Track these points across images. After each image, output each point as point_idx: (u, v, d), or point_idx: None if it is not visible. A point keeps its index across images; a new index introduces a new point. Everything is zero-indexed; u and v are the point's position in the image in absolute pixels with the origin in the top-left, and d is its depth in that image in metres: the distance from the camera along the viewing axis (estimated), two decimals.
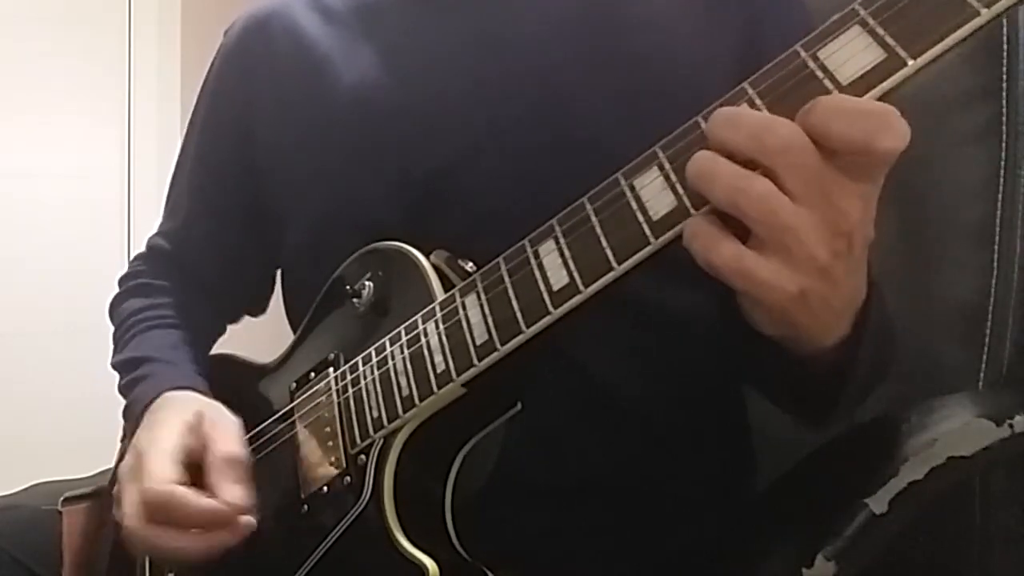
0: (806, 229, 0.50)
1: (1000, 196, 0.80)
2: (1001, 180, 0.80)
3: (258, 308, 1.03)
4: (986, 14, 0.45)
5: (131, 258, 1.04)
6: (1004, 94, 0.80)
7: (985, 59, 0.81)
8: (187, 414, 0.75)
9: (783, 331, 0.59)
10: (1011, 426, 0.67)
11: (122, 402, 0.86)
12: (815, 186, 0.49)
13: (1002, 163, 0.80)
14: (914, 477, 0.66)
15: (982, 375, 0.81)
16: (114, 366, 0.90)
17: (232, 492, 0.69)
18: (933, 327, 0.85)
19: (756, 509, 0.83)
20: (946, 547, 0.82)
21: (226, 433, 0.74)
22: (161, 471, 0.70)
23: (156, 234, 1.02)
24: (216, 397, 0.80)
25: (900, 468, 0.66)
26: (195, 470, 0.72)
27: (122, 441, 0.92)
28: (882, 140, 0.48)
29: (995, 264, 0.80)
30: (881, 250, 0.58)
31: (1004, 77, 0.80)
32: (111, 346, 0.95)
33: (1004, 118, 0.80)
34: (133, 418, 0.82)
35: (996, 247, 0.80)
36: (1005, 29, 0.79)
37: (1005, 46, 0.80)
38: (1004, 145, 0.80)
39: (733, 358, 0.77)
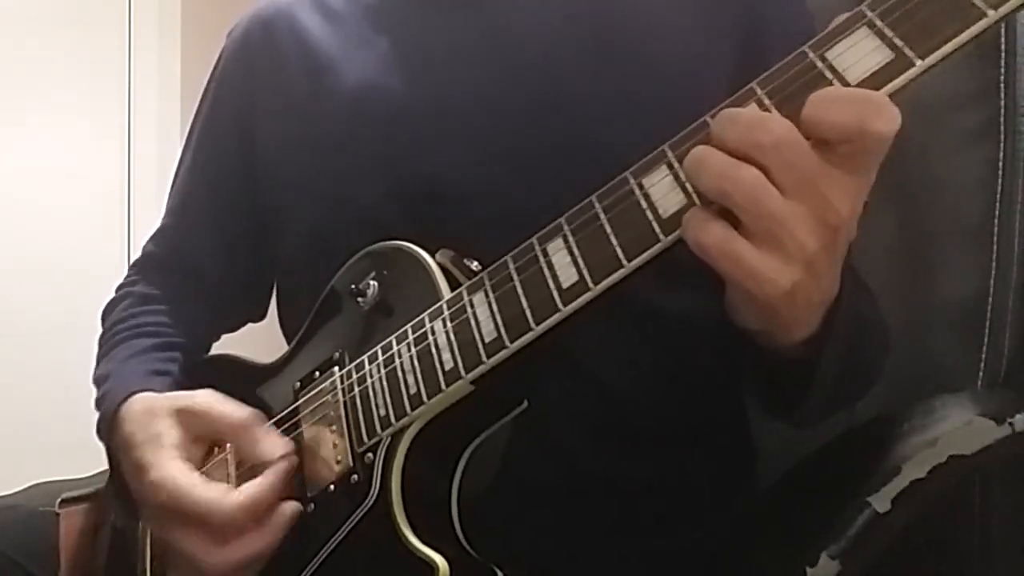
0: (795, 220, 0.51)
1: (999, 195, 0.80)
2: (1000, 180, 0.80)
3: (258, 312, 1.02)
4: (993, 15, 0.45)
5: (131, 258, 1.04)
6: (1002, 94, 0.80)
7: (983, 59, 0.81)
8: (164, 428, 0.74)
9: (764, 326, 0.60)
10: (1011, 425, 0.68)
11: None
12: (806, 180, 0.51)
13: (1000, 163, 0.80)
14: (917, 476, 0.66)
15: (981, 375, 0.81)
16: (92, 382, 0.88)
17: (275, 445, 0.71)
18: (933, 327, 0.85)
19: (759, 508, 0.84)
20: (946, 547, 0.82)
21: (220, 406, 0.74)
22: (218, 497, 0.68)
23: (150, 239, 1.02)
24: None
25: (903, 467, 0.67)
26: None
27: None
28: (874, 123, 0.49)
29: (994, 264, 0.81)
30: (881, 250, 0.59)
31: (1002, 77, 0.80)
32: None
33: (1002, 118, 0.80)
34: (103, 437, 0.81)
35: (995, 247, 0.81)
36: (1003, 29, 0.80)
37: (1003, 46, 0.80)
38: (1002, 145, 0.80)
39: (735, 359, 0.78)
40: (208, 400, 0.74)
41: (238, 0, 1.07)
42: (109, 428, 0.79)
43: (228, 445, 0.76)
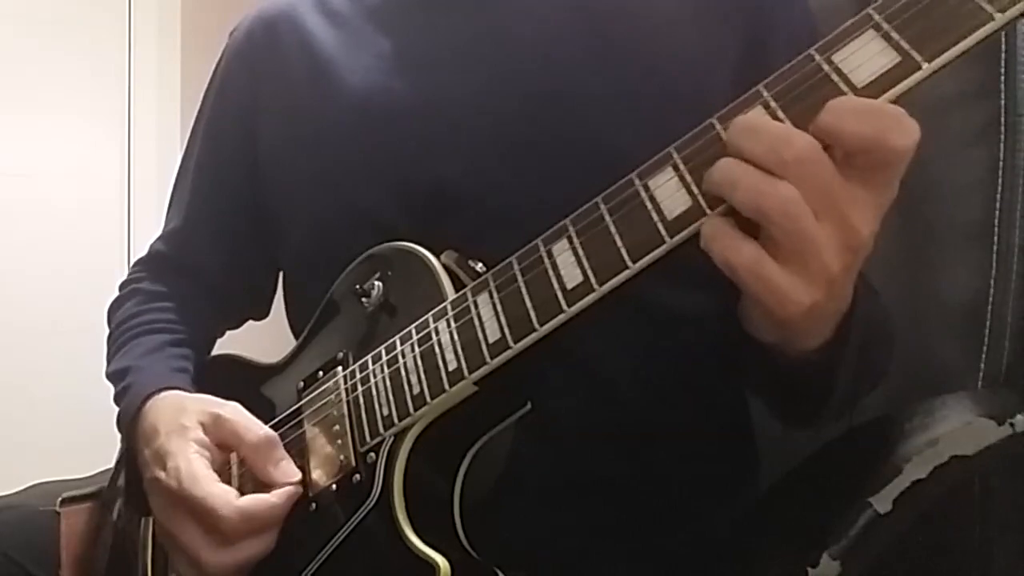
0: (823, 241, 0.51)
1: (999, 195, 0.80)
2: (1000, 179, 0.80)
3: (260, 311, 1.03)
4: (1000, 19, 0.46)
5: (131, 258, 1.04)
6: (1002, 94, 0.80)
7: (983, 59, 0.81)
8: (188, 423, 0.75)
9: (777, 338, 0.60)
10: (1012, 425, 0.68)
11: None
12: (830, 200, 0.50)
13: (1000, 162, 0.80)
14: (918, 476, 0.66)
15: (982, 375, 0.81)
16: (107, 377, 0.90)
17: (291, 469, 0.72)
18: (933, 327, 0.85)
19: (761, 508, 0.84)
20: (946, 547, 0.82)
21: (246, 421, 0.74)
22: (223, 496, 0.69)
23: (158, 238, 1.02)
24: (222, 398, 0.79)
25: (904, 467, 0.67)
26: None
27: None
28: (893, 136, 0.49)
29: (994, 264, 0.81)
30: (881, 250, 0.59)
31: (1002, 77, 0.80)
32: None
33: (1003, 117, 0.80)
34: (123, 430, 0.82)
35: (995, 246, 0.81)
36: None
37: (1003, 46, 0.80)
38: (1002, 145, 0.80)
39: (738, 359, 0.78)
40: (237, 411, 0.75)
41: (238, 0, 1.08)
42: (132, 421, 0.80)
43: (233, 455, 0.76)
